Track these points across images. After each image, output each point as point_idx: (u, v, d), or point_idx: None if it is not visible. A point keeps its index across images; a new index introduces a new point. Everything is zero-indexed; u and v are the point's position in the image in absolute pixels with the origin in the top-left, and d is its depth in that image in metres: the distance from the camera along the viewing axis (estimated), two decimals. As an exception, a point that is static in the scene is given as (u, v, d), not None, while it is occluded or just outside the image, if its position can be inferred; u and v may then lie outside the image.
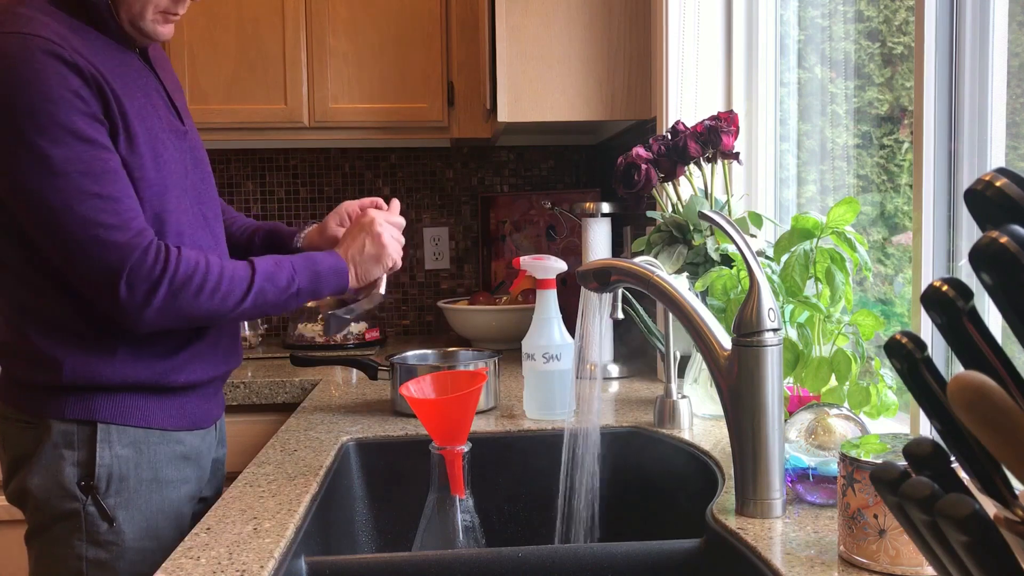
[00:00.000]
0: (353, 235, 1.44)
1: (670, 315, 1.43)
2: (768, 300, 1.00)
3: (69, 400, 1.27)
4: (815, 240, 1.27)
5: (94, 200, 1.17)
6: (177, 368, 1.34)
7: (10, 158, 1.17)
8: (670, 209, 1.70)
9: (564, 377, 1.53)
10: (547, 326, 1.54)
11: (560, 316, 1.55)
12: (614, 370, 1.95)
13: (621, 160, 1.68)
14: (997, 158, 1.14)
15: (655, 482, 1.42)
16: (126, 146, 1.23)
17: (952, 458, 0.47)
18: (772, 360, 1.00)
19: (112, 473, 1.28)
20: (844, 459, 0.86)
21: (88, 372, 1.27)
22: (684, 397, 1.45)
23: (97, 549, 1.27)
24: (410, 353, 1.75)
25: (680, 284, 1.07)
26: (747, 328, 1.00)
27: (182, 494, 1.35)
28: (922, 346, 0.47)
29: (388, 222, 1.46)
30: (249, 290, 1.28)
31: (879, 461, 0.83)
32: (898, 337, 0.47)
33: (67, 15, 1.23)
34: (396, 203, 1.54)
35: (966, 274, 1.13)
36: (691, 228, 1.60)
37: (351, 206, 1.57)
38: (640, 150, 1.66)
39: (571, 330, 1.35)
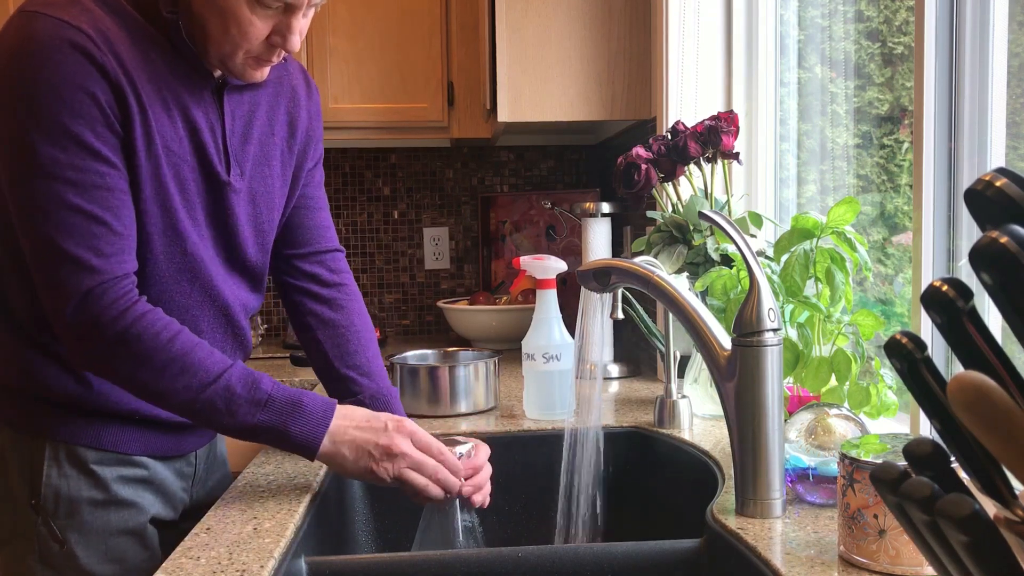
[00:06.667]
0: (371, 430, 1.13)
1: (670, 315, 1.43)
2: (768, 300, 1.00)
3: (17, 407, 1.16)
4: (815, 240, 1.27)
5: (73, 214, 1.04)
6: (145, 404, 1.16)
7: (4, 148, 1.06)
8: (670, 209, 1.70)
9: (564, 377, 1.53)
10: (547, 326, 1.54)
11: (560, 316, 1.55)
12: (614, 370, 1.95)
13: (621, 160, 1.68)
14: (997, 158, 1.14)
15: (655, 482, 1.42)
16: (135, 170, 1.10)
17: (952, 458, 0.47)
18: (772, 360, 1.00)
19: (60, 494, 1.15)
20: (844, 459, 0.86)
21: (39, 381, 1.15)
22: (684, 397, 1.45)
23: (53, 572, 1.16)
24: (410, 353, 1.75)
25: (680, 284, 1.07)
26: (747, 328, 1.00)
27: (146, 517, 1.20)
28: (922, 346, 0.47)
29: (416, 459, 1.13)
30: (200, 391, 1.06)
31: (879, 461, 0.83)
32: (898, 337, 0.47)
33: (141, 18, 1.10)
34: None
35: (966, 274, 1.13)
36: (691, 228, 1.60)
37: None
38: (640, 150, 1.66)
39: (571, 330, 1.34)
